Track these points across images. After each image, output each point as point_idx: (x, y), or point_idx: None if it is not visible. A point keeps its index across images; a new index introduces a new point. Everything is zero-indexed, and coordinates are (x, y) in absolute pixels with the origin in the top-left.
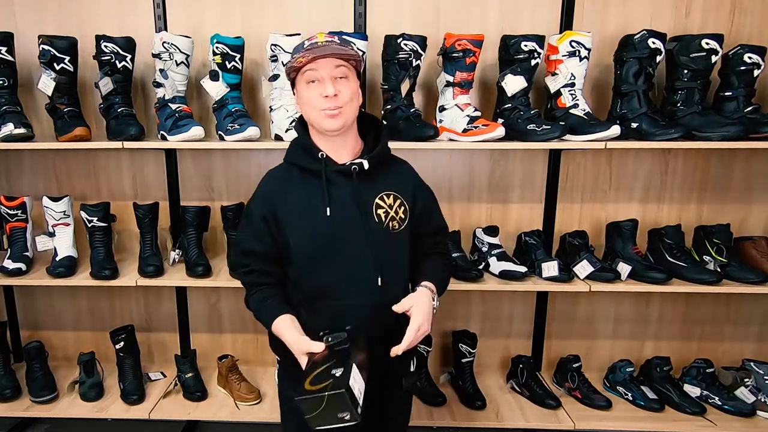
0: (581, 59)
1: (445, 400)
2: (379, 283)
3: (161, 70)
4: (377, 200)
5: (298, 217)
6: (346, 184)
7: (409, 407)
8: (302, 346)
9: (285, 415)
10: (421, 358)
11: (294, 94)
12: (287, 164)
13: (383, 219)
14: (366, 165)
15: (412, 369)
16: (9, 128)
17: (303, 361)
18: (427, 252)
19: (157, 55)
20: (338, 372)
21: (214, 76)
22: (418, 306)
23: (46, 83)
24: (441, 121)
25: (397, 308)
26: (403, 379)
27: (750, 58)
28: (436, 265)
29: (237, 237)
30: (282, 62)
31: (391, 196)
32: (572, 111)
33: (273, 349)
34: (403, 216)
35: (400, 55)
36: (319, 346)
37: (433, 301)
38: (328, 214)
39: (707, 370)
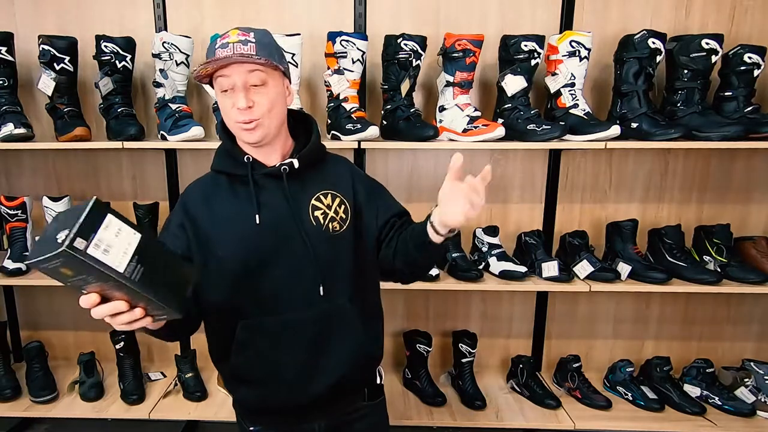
0: (581, 59)
1: (445, 400)
2: (321, 293)
3: (161, 70)
4: (313, 201)
5: (225, 229)
6: (276, 188)
7: (385, 420)
8: None
9: None
10: (421, 358)
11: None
12: (213, 173)
13: (322, 221)
14: (296, 164)
15: (378, 382)
16: (9, 128)
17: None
18: (400, 229)
19: (157, 55)
20: None
21: None
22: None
23: (46, 83)
24: (441, 121)
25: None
26: (366, 390)
27: (750, 58)
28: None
29: None
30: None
31: (329, 195)
32: (572, 111)
33: (224, 382)
34: (344, 216)
35: (400, 55)
36: None
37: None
38: (258, 221)
39: (707, 370)
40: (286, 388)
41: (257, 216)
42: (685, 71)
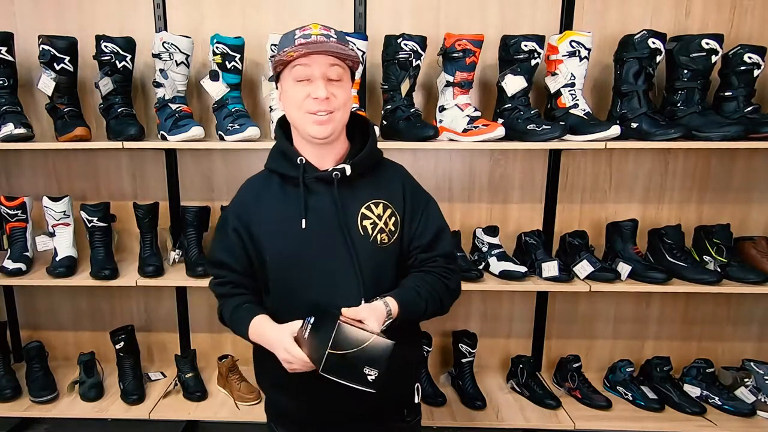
0: (581, 59)
1: (445, 400)
2: None
3: (161, 70)
4: (363, 210)
5: (272, 232)
6: (326, 193)
7: None
8: (287, 345)
9: None
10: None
11: (277, 88)
12: (267, 172)
13: (370, 231)
14: (348, 171)
15: (416, 401)
16: (9, 128)
17: (293, 361)
18: (416, 267)
19: (157, 55)
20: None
21: (214, 76)
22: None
23: (46, 83)
24: (441, 121)
25: (346, 311)
26: (405, 411)
27: (750, 58)
28: (413, 282)
29: (212, 245)
30: None
31: (380, 204)
32: (572, 111)
33: (259, 384)
34: (393, 228)
35: (400, 55)
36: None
37: (384, 324)
38: (303, 226)
39: (707, 370)
40: (322, 401)
41: (303, 221)
42: (685, 71)
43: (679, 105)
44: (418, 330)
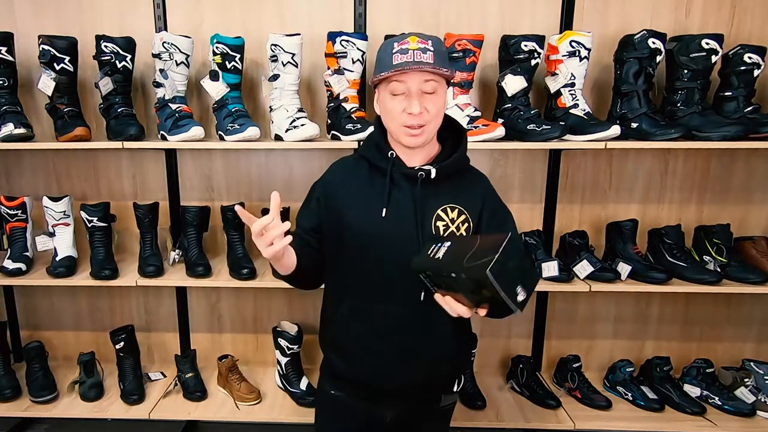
0: (581, 59)
1: None
2: (422, 298)
3: (161, 70)
4: (439, 212)
5: (355, 211)
6: (409, 189)
7: (447, 426)
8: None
9: (320, 406)
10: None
11: (375, 92)
12: (358, 156)
13: (442, 232)
14: (433, 174)
15: (455, 389)
16: (9, 128)
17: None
18: None
19: (157, 55)
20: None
21: (214, 76)
22: None
23: (46, 83)
24: None
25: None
26: (442, 396)
27: (750, 58)
28: None
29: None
30: (282, 62)
31: (456, 209)
32: (572, 111)
33: (321, 344)
34: (464, 233)
35: None
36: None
37: None
38: (383, 215)
39: (707, 370)
40: (372, 370)
41: (384, 210)
42: (685, 71)
43: (679, 105)
44: (470, 326)
